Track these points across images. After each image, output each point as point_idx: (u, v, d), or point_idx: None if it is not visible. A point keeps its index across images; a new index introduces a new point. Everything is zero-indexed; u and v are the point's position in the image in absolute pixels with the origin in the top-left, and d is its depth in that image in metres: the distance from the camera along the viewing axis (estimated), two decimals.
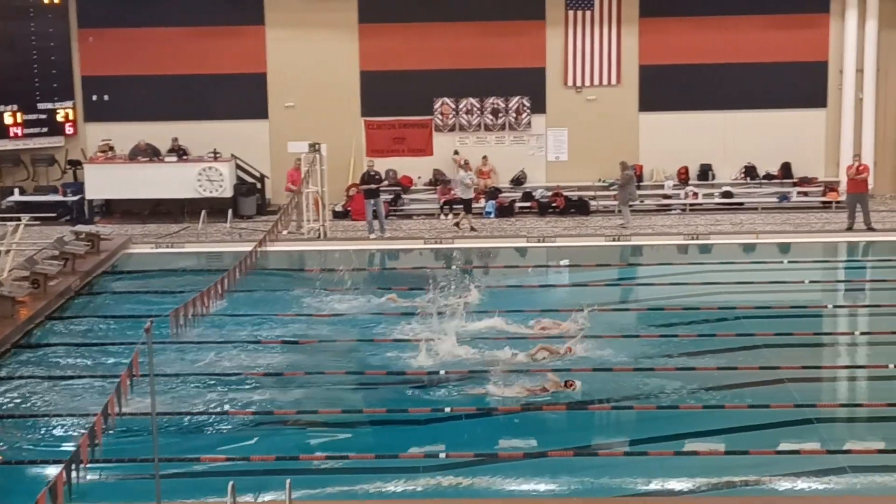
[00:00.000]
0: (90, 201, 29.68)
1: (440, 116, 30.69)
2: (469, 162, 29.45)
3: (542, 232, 27.23)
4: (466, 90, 30.52)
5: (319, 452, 13.94)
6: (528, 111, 30.54)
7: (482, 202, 29.52)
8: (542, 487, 13.00)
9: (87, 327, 19.47)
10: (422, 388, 16.15)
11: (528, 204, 29.98)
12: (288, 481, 11.06)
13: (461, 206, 28.19)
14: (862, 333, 18.86)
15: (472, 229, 27.43)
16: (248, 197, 29.92)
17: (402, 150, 30.65)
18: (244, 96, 30.89)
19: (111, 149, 30.26)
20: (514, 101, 30.51)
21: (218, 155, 29.54)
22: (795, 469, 13.64)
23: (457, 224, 27.80)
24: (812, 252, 25.64)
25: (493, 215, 29.14)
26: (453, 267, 24.40)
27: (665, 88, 30.29)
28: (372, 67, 30.68)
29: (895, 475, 13.50)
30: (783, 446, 14.43)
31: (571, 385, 15.79)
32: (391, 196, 30.20)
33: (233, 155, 29.88)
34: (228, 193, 29.44)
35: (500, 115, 30.56)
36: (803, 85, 30.21)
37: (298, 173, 27.89)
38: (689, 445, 14.57)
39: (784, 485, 13.26)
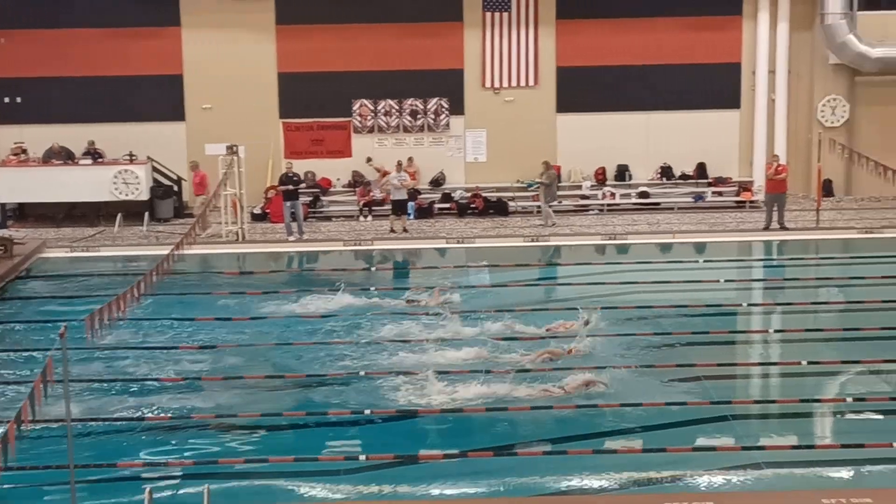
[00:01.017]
0: (3, 205, 29.19)
1: (359, 118, 30.63)
2: (383, 166, 29.45)
3: (462, 233, 27.29)
4: (385, 92, 30.50)
5: (238, 456, 13.83)
6: (447, 112, 30.60)
7: None
8: (462, 489, 13.02)
9: (0, 333, 19.14)
10: (343, 390, 16.11)
11: (447, 205, 30.04)
12: (206, 487, 10.95)
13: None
14: (776, 331, 19.12)
15: (404, 230, 27.48)
16: (165, 200, 29.62)
17: (320, 151, 30.53)
18: (160, 98, 30.58)
19: (24, 151, 29.78)
20: (432, 103, 30.55)
21: (134, 157, 29.21)
22: (712, 465, 13.82)
23: (392, 230, 27.83)
24: (727, 251, 25.99)
25: (412, 216, 29.15)
26: (373, 269, 24.37)
27: (582, 90, 30.52)
28: (290, 69, 30.54)
29: (809, 470, 13.73)
30: (700, 443, 14.60)
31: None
32: (310, 198, 30.08)
33: (149, 157, 29.56)
34: (145, 196, 29.12)
35: (419, 116, 30.58)
36: (717, 86, 30.61)
37: (201, 176, 27.81)
38: (608, 444, 14.69)
39: (701, 481, 13.42)
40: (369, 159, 30.03)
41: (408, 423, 15.13)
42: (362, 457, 13.84)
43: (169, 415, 15.04)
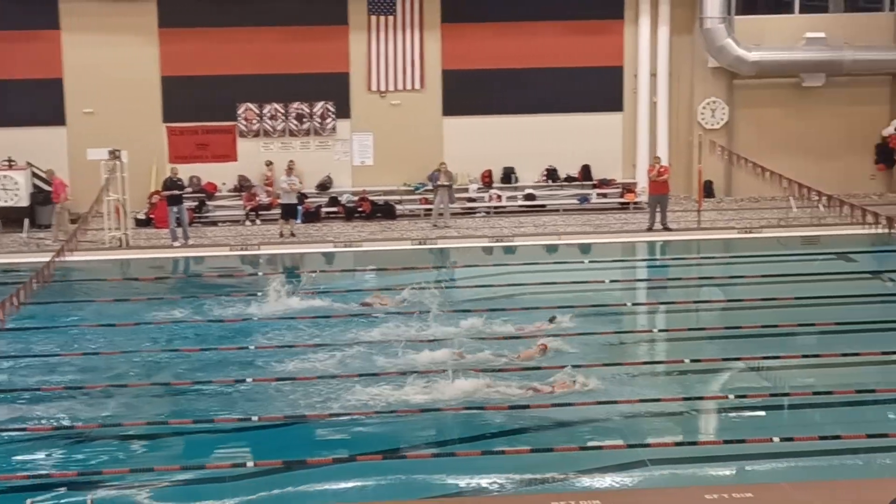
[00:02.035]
0: None
1: (244, 122, 30.38)
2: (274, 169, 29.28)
3: (349, 237, 27.24)
4: (270, 95, 30.29)
5: (123, 466, 13.63)
6: (333, 116, 30.51)
7: None
8: (352, 491, 12.99)
9: None
10: (228, 396, 15.97)
11: (334, 209, 29.94)
12: (90, 499, 10.77)
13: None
14: (660, 330, 19.42)
15: (292, 234, 27.35)
16: (46, 206, 29.04)
17: (205, 156, 30.22)
18: (40, 102, 29.98)
19: None
20: (318, 107, 30.43)
21: (13, 163, 28.58)
22: (598, 464, 13.99)
23: (281, 234, 27.66)
24: (612, 252, 26.34)
25: (299, 221, 29.00)
26: (260, 274, 24.19)
27: (468, 93, 30.66)
28: (173, 72, 30.16)
29: (693, 466, 13.98)
30: (586, 442, 14.76)
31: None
32: (195, 203, 29.75)
33: (28, 163, 28.96)
34: (25, 202, 28.53)
35: (305, 120, 30.44)
36: (601, 89, 31.00)
37: (57, 183, 27.46)
38: (497, 445, 14.78)
39: (588, 480, 13.58)
40: (269, 162, 29.72)
41: (296, 429, 15.05)
42: (250, 463, 13.74)
43: (51, 424, 14.75)
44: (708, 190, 30.35)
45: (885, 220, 23.74)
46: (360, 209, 29.77)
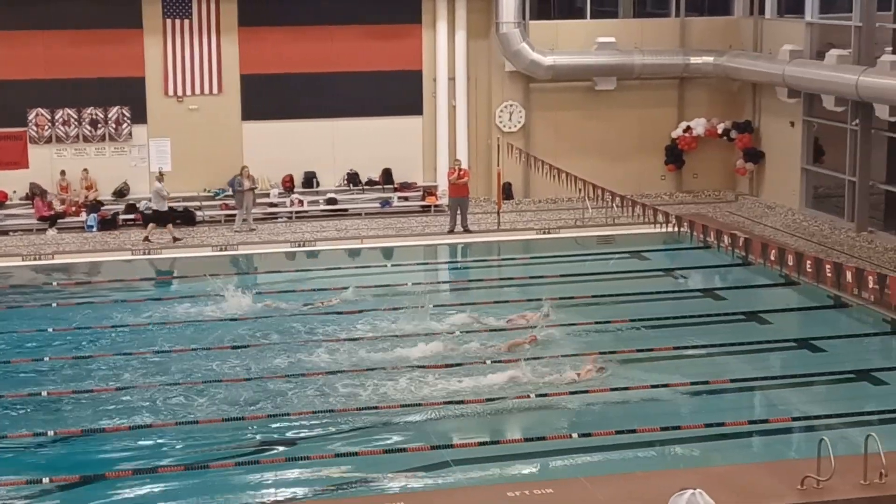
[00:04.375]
0: None
1: (35, 128, 29.43)
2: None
3: (147, 244, 26.73)
4: (62, 100, 29.40)
5: None
6: (129, 122, 29.83)
7: (83, 215, 28.61)
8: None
9: None
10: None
11: (131, 216, 29.28)
12: None
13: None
14: (463, 332, 19.63)
15: (175, 239, 26.80)
16: None
17: None
18: None
19: None
20: (113, 112, 29.71)
21: None
22: (402, 466, 14.12)
23: (146, 238, 26.97)
24: (414, 255, 26.55)
25: (95, 229, 28.30)
26: (54, 283, 23.54)
27: (267, 97, 30.40)
28: None
29: (496, 465, 14.24)
30: (391, 445, 14.87)
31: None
32: None
33: None
34: None
35: (100, 125, 29.68)
36: (400, 93, 31.15)
37: None
38: (301, 450, 14.75)
39: (392, 482, 13.70)
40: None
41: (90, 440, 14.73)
42: (46, 479, 13.40)
43: None
44: (507, 192, 30.84)
45: (674, 220, 24.56)
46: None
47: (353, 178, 30.80)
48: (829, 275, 19.66)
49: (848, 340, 19.59)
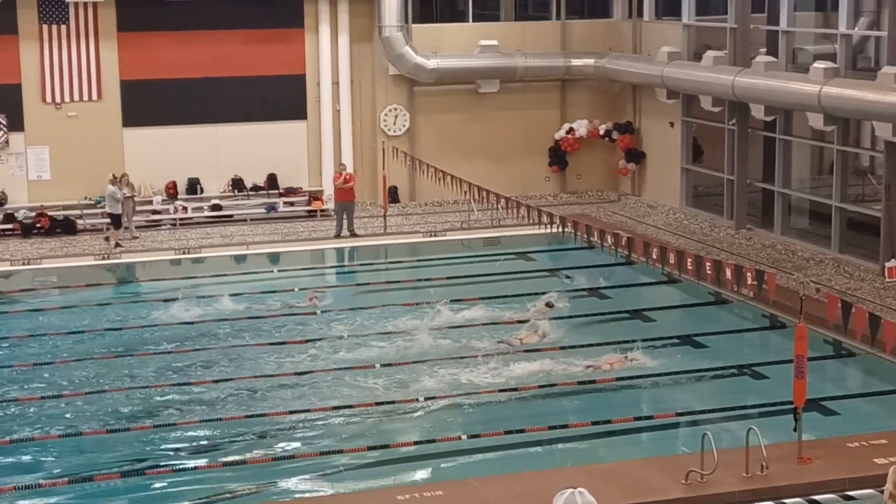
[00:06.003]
0: None
1: None
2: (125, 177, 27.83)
3: (27, 254, 26.23)
4: None
5: None
6: (5, 129, 29.21)
7: None
8: None
9: None
10: None
11: (10, 226, 28.68)
12: None
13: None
14: (351, 335, 19.63)
15: (118, 245, 26.21)
16: None
17: None
18: None
19: None
20: None
21: None
22: (294, 474, 14.08)
23: (107, 239, 26.43)
24: (301, 260, 26.46)
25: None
26: None
27: (149, 103, 29.97)
28: None
29: (386, 469, 14.29)
30: (280, 452, 14.82)
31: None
32: None
33: None
34: None
35: None
36: (285, 98, 30.98)
37: None
38: (190, 462, 14.63)
39: (276, 489, 13.67)
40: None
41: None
42: None
43: None
44: (393, 195, 30.87)
45: (559, 220, 24.83)
46: (38, 225, 28.63)
47: (237, 184, 30.55)
48: (710, 272, 20.05)
49: (728, 336, 20.02)
